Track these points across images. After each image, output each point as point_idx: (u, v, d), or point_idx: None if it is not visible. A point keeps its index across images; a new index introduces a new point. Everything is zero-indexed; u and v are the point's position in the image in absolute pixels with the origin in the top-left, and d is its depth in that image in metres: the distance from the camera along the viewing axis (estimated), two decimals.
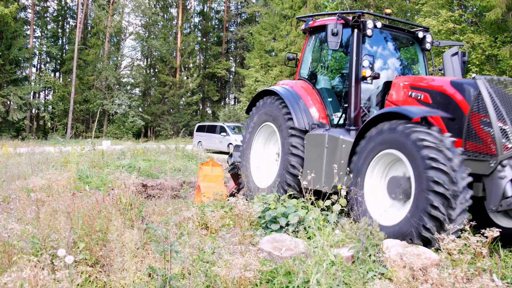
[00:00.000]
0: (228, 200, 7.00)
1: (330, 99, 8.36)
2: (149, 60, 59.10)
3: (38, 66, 53.33)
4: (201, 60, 58.95)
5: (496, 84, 5.86)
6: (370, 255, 4.95)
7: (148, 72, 58.25)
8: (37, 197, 6.51)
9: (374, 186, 6.44)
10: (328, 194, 5.93)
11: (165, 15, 57.44)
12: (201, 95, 54.36)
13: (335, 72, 9.06)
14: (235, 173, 9.99)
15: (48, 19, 54.97)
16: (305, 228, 5.91)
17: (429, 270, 4.31)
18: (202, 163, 10.10)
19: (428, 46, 8.45)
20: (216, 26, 60.97)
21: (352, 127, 7.43)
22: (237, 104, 47.80)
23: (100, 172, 12.67)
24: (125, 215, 5.95)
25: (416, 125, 5.84)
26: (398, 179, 6.06)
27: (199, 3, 60.18)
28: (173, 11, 58.72)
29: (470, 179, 5.49)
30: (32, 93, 46.63)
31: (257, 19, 53.86)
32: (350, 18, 7.56)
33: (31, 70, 47.52)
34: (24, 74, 44.83)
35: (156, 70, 57.24)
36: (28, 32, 47.09)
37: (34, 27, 49.94)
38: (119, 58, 52.76)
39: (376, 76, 7.40)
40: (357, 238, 5.31)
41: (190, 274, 3.99)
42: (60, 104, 47.11)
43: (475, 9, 24.33)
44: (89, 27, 54.28)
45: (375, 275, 4.55)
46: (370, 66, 7.35)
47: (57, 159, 14.34)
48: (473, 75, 6.07)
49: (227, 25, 59.31)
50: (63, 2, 55.72)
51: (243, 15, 58.02)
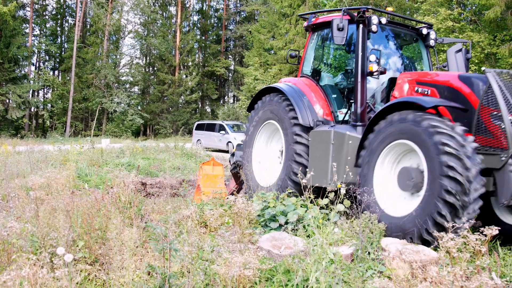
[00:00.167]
0: (228, 198, 7.00)
1: (334, 96, 8.28)
2: (148, 58, 59.06)
3: (37, 65, 53.22)
4: (200, 58, 58.92)
5: (506, 77, 5.79)
6: (369, 253, 4.96)
7: (147, 70, 58.24)
8: (36, 195, 6.51)
9: (384, 177, 6.35)
10: (327, 192, 5.91)
11: (164, 13, 57.36)
12: (200, 94, 54.33)
13: (339, 68, 9.00)
14: (237, 172, 9.96)
15: (47, 17, 54.95)
16: (304, 227, 5.90)
17: (428, 268, 4.32)
18: (203, 163, 10.07)
19: (432, 42, 8.38)
20: (215, 24, 60.93)
21: (358, 123, 7.35)
22: (236, 102, 47.72)
23: (99, 171, 12.66)
24: (124, 214, 5.95)
25: (427, 113, 5.76)
26: (409, 170, 5.98)
27: (198, 2, 60.21)
28: (172, 9, 58.75)
29: (482, 165, 5.41)
30: (31, 92, 46.52)
31: (256, 17, 53.75)
32: (355, 14, 7.51)
33: (30, 69, 47.48)
34: (23, 72, 44.86)
35: (155, 69, 57.21)
36: (27, 30, 47.01)
37: (33, 25, 49.85)
38: (118, 57, 52.70)
39: (383, 71, 7.34)
40: (356, 236, 5.31)
41: (189, 272, 3.99)
42: (59, 102, 47.06)
43: (474, 8, 24.34)
44: (88, 25, 54.21)
45: (374, 273, 4.55)
46: (377, 60, 7.27)
47: (56, 158, 14.32)
48: (483, 68, 6.00)
49: (226, 23, 59.28)
50: (62, 0, 55.65)
51: (242, 13, 57.94)
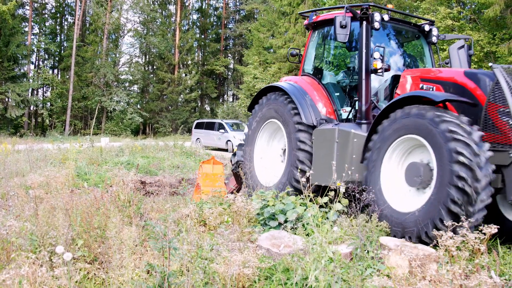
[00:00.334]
0: (227, 197, 7.00)
1: (337, 94, 8.21)
2: (147, 57, 59.01)
3: (36, 63, 53.19)
4: (200, 57, 58.89)
5: None
6: (368, 252, 4.96)
7: (146, 69, 58.19)
8: (36, 194, 6.50)
9: (391, 170, 6.26)
10: (326, 191, 5.91)
11: (163, 12, 57.30)
12: (200, 92, 54.30)
13: (341, 66, 8.92)
14: (238, 172, 9.91)
15: (46, 16, 54.86)
16: (303, 225, 5.90)
17: (427, 266, 4.33)
18: (203, 161, 10.01)
19: (434, 39, 8.33)
20: (214, 23, 60.90)
21: (363, 121, 7.27)
22: (236, 101, 47.69)
23: (99, 169, 12.66)
24: (123, 212, 5.95)
25: (444, 113, 5.66)
26: (418, 165, 5.88)
27: (197, 0, 60.19)
28: (172, 8, 58.71)
29: (493, 176, 5.33)
30: (30, 90, 46.55)
31: (255, 16, 53.71)
32: (358, 11, 7.47)
33: (29, 67, 47.42)
34: (22, 71, 44.82)
35: (154, 67, 57.16)
36: (26, 29, 47.01)
37: (32, 24, 49.82)
38: (117, 55, 52.63)
39: (387, 69, 7.27)
40: (356, 235, 5.31)
41: (188, 271, 3.99)
42: (58, 101, 47.06)
43: (473, 6, 24.33)
44: (88, 24, 54.22)
45: (373, 272, 4.56)
46: (381, 58, 7.21)
47: (56, 156, 14.31)
48: (490, 64, 5.91)
49: (225, 22, 59.22)
50: None
51: (241, 12, 57.85)
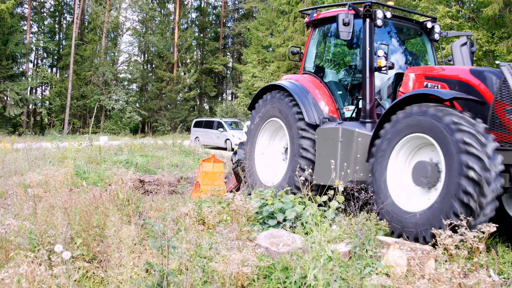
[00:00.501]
0: (226, 196, 7.00)
1: (339, 92, 8.10)
2: (146, 55, 58.94)
3: (35, 62, 53.21)
4: (198, 55, 58.83)
5: None
6: (367, 250, 4.97)
7: (145, 67, 58.18)
8: (34, 192, 6.50)
9: (398, 170, 6.16)
10: (325, 189, 5.90)
11: (162, 11, 57.28)
12: (199, 91, 54.26)
13: (344, 64, 8.84)
14: (239, 171, 9.86)
15: (45, 14, 54.75)
16: (302, 224, 5.90)
17: (426, 265, 4.33)
18: (204, 159, 9.96)
19: (436, 36, 8.24)
20: (213, 22, 60.83)
21: (367, 120, 7.17)
22: (235, 99, 47.67)
23: (97, 168, 12.65)
24: (122, 211, 5.95)
25: (448, 107, 5.59)
26: (426, 165, 5.78)
27: None
28: (170, 6, 58.63)
29: (502, 167, 5.23)
30: (29, 89, 46.51)
31: (254, 15, 53.75)
32: (360, 8, 7.39)
33: (28, 66, 47.45)
34: (21, 69, 44.72)
35: (153, 66, 57.13)
36: (25, 28, 46.98)
37: (31, 22, 49.75)
38: (116, 54, 52.62)
39: (391, 66, 7.15)
40: (354, 234, 5.31)
41: (187, 269, 3.99)
42: (57, 99, 47.04)
43: (472, 5, 24.32)
44: (86, 22, 54.10)
45: (372, 270, 4.56)
46: (385, 55, 7.10)
47: (54, 155, 14.31)
48: (497, 62, 5.81)
49: (224, 21, 59.17)
50: None
51: (240, 10, 57.83)
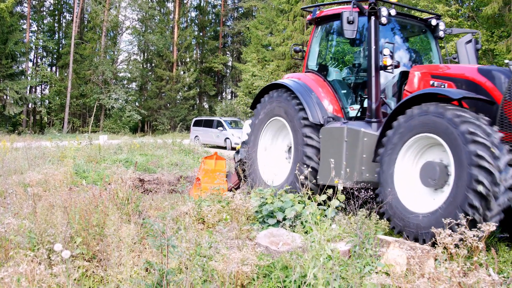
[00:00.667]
0: (225, 195, 7.00)
1: (343, 91, 8.01)
2: (145, 54, 58.96)
3: (35, 61, 53.23)
4: (198, 54, 58.84)
5: None
6: (366, 249, 4.96)
7: (144, 66, 58.17)
8: (34, 191, 6.50)
9: (406, 167, 6.07)
10: (324, 189, 5.89)
11: (161, 10, 57.25)
12: (198, 90, 54.26)
13: (347, 63, 8.71)
14: (241, 169, 9.82)
15: (44, 13, 54.75)
16: (302, 223, 5.90)
17: (425, 264, 4.33)
18: (206, 157, 9.88)
19: (441, 34, 8.13)
20: (213, 21, 60.80)
21: (373, 119, 7.05)
22: (234, 98, 47.68)
23: (97, 167, 12.64)
24: (122, 210, 5.95)
25: (450, 105, 5.50)
26: (434, 165, 5.68)
27: None
28: (170, 5, 58.62)
29: (510, 156, 5.18)
30: (28, 88, 46.45)
31: (254, 14, 53.73)
32: (365, 6, 7.29)
33: (28, 65, 47.50)
34: (20, 68, 44.72)
35: (153, 65, 57.14)
36: (24, 26, 46.96)
37: (31, 21, 49.73)
38: (115, 53, 52.54)
39: (397, 65, 7.07)
40: (354, 233, 5.32)
41: (187, 268, 3.99)
42: (56, 98, 47.01)
43: (472, 4, 24.33)
44: (86, 21, 54.08)
45: (372, 269, 4.56)
46: (391, 54, 7.00)
47: (54, 154, 14.30)
48: (506, 61, 5.76)
49: (224, 20, 59.15)
50: None
51: (240, 9, 57.79)
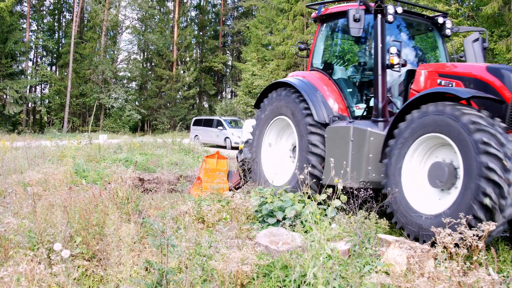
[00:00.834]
0: (225, 194, 7.00)
1: (349, 90, 7.92)
2: (145, 54, 58.96)
3: (34, 60, 53.22)
4: (198, 54, 58.86)
5: None
6: (366, 249, 4.97)
7: (144, 66, 58.17)
8: (34, 191, 6.49)
9: (414, 164, 5.99)
10: (324, 188, 5.88)
11: (161, 9, 57.23)
12: (198, 89, 54.27)
13: (354, 61, 8.63)
14: (244, 169, 9.78)
15: (44, 12, 54.71)
16: (302, 222, 5.90)
17: (425, 263, 4.33)
18: (207, 156, 9.84)
19: (448, 32, 8.03)
20: (212, 20, 60.80)
21: (379, 119, 6.94)
22: (234, 98, 47.71)
23: (97, 166, 12.63)
24: (121, 209, 5.95)
25: (465, 107, 5.41)
26: (442, 166, 5.60)
27: None
28: (170, 4, 58.58)
29: None
30: (28, 87, 46.43)
31: (254, 13, 53.73)
32: (371, 3, 7.15)
33: (27, 64, 47.44)
34: (20, 68, 44.75)
35: (152, 64, 57.11)
36: (24, 26, 46.91)
37: (30, 20, 49.69)
38: (115, 52, 52.54)
39: (404, 64, 6.95)
40: (354, 232, 5.32)
41: (187, 268, 3.99)
42: (56, 98, 47.00)
43: (471, 3, 24.34)
44: (86, 20, 54.08)
45: (371, 269, 4.56)
46: (398, 53, 6.90)
47: (54, 153, 14.30)
48: None
49: (224, 19, 59.16)
50: None
51: (240, 8, 57.78)
